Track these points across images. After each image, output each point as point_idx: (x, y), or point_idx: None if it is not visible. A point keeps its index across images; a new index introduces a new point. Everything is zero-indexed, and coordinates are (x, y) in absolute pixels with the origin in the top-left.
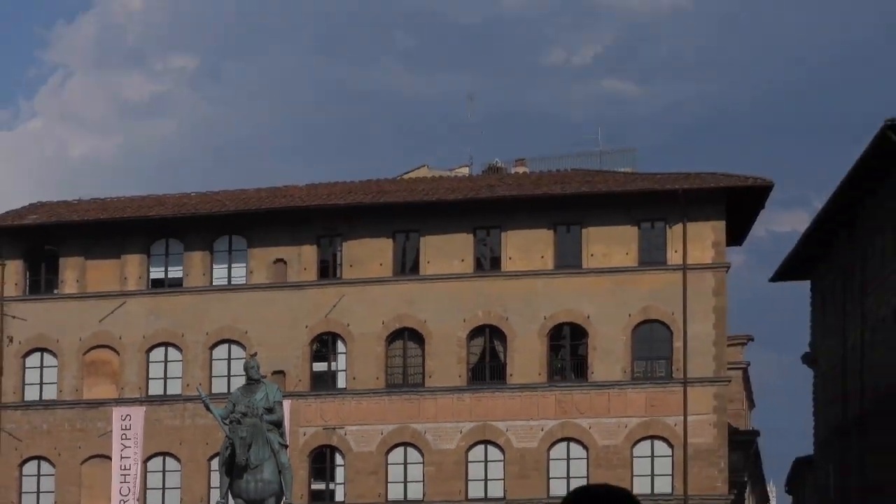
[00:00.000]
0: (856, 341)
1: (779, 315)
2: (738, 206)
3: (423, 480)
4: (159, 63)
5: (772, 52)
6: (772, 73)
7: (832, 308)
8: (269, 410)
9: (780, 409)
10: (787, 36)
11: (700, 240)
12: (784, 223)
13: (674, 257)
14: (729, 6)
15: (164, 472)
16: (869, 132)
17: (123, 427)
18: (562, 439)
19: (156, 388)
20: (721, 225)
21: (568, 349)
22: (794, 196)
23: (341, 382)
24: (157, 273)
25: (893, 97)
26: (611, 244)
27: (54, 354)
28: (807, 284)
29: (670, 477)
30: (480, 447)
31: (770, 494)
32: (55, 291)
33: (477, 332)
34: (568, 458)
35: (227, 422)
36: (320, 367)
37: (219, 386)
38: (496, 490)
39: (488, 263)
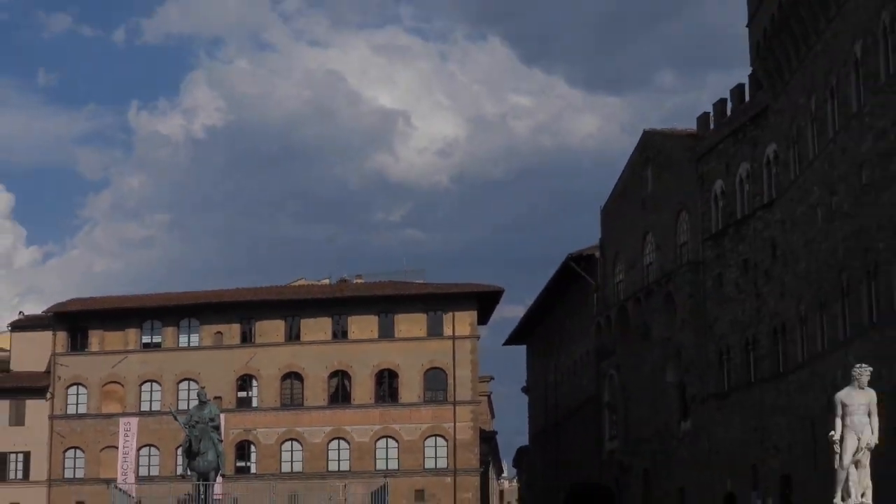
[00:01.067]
0: (551, 381)
1: (508, 364)
2: (484, 302)
3: (302, 461)
4: (148, 217)
5: (502, 215)
6: (504, 227)
7: (539, 361)
8: (212, 420)
9: (509, 419)
10: (510, 204)
11: (462, 322)
12: (511, 312)
13: (447, 331)
14: (472, 189)
15: (149, 456)
16: (558, 261)
17: (126, 430)
18: (383, 436)
19: (145, 407)
20: (474, 313)
21: (387, 384)
22: (516, 296)
23: (255, 403)
24: (146, 339)
25: (572, 242)
26: (411, 324)
27: (85, 387)
28: (524, 347)
29: (446, 458)
30: (336, 441)
31: (503, 468)
32: (86, 350)
33: (334, 374)
34: (387, 448)
35: (187, 427)
36: (242, 394)
37: (182, 405)
38: (345, 466)
39: (341, 335)
